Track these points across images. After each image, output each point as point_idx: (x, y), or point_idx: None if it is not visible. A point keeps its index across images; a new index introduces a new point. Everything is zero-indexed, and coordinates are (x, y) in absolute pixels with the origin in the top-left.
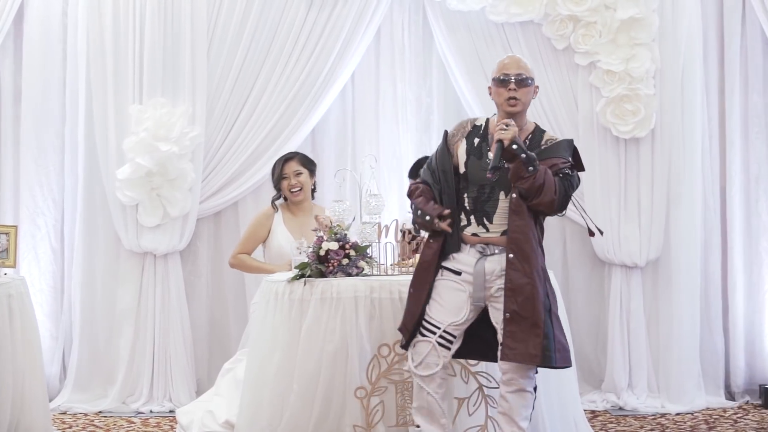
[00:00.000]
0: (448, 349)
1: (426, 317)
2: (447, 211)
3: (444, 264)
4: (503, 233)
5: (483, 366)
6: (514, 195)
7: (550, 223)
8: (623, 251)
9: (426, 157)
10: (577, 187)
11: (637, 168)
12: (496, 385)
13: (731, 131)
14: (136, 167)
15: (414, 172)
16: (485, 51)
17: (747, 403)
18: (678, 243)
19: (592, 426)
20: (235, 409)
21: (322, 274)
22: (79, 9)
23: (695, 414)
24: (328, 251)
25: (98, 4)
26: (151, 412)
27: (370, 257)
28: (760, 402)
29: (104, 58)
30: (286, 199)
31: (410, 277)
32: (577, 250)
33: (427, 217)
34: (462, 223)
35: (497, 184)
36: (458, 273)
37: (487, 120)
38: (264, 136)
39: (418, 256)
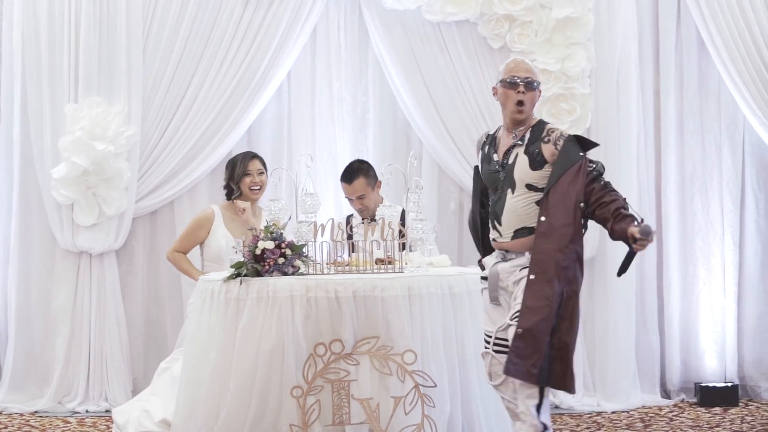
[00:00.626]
0: (503, 352)
1: (483, 328)
2: None
3: (482, 275)
4: (516, 233)
5: (419, 365)
6: (543, 218)
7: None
8: None
9: None
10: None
11: None
12: (433, 384)
13: (666, 131)
14: (71, 166)
15: None
16: (421, 50)
17: (682, 401)
18: (613, 242)
19: None
20: (172, 408)
21: (258, 273)
22: (14, 7)
23: (631, 412)
24: (264, 250)
25: (33, 2)
26: (87, 411)
27: (306, 256)
28: (695, 400)
29: (39, 56)
30: (230, 198)
31: (346, 276)
32: None
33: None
34: (490, 230)
35: (504, 183)
36: (485, 278)
37: (498, 128)
38: (200, 136)
39: (354, 255)
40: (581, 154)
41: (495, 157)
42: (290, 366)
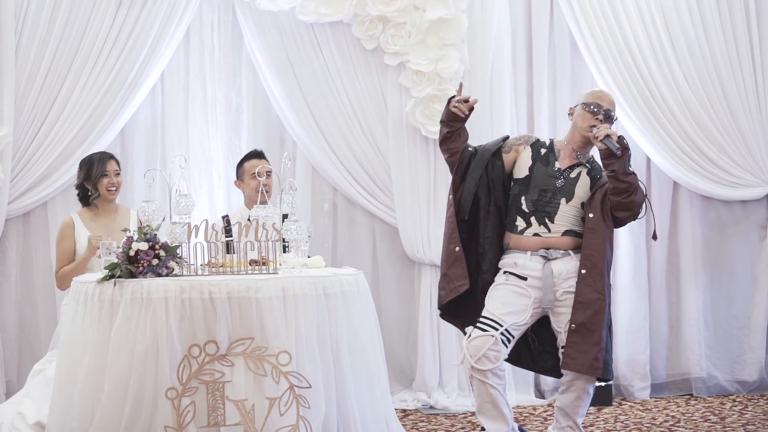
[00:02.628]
0: (506, 347)
1: (486, 313)
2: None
3: (508, 270)
4: (564, 233)
5: (294, 366)
6: (591, 215)
7: (360, 221)
8: (433, 251)
9: None
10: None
11: (447, 168)
12: (308, 385)
13: (539, 131)
14: None
15: None
16: (295, 51)
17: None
18: None
19: (403, 425)
20: (46, 410)
21: (132, 275)
22: None
23: None
24: (137, 252)
25: None
26: None
27: (180, 257)
28: None
29: None
30: (86, 202)
31: (220, 277)
32: (387, 249)
33: (446, 113)
34: (521, 227)
35: (560, 190)
36: (524, 278)
37: (551, 140)
38: (73, 136)
39: (229, 257)
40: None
41: (557, 164)
42: (165, 367)
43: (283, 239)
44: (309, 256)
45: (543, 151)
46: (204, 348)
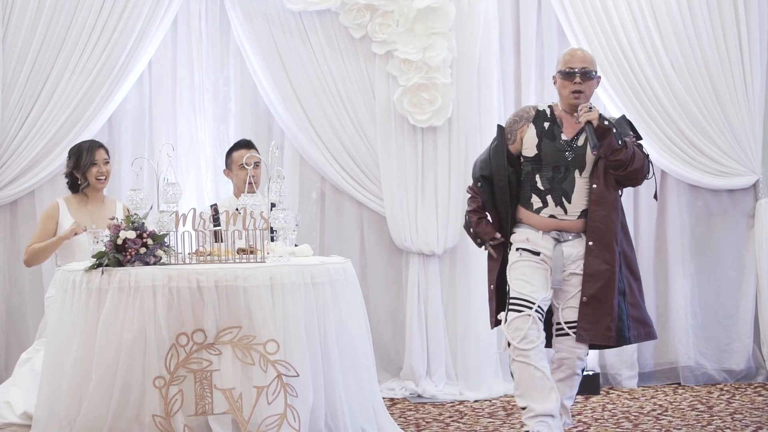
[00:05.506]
0: (541, 322)
1: (515, 294)
2: (498, 236)
3: (521, 246)
4: (580, 216)
5: (282, 354)
6: (594, 185)
7: (347, 210)
8: (421, 239)
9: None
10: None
11: (434, 157)
12: (295, 374)
13: None
14: None
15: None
16: (282, 39)
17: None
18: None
19: (391, 413)
20: (33, 399)
21: (119, 263)
22: None
23: (493, 401)
24: (125, 240)
25: None
26: None
27: (168, 246)
28: None
29: None
30: (75, 190)
31: (208, 266)
32: (375, 238)
33: (478, 240)
34: (536, 206)
35: (572, 164)
36: (537, 253)
37: (551, 107)
38: (61, 125)
39: (217, 245)
40: (631, 133)
41: (563, 136)
42: (152, 356)
43: (271, 228)
44: (296, 245)
45: (547, 125)
46: (192, 337)
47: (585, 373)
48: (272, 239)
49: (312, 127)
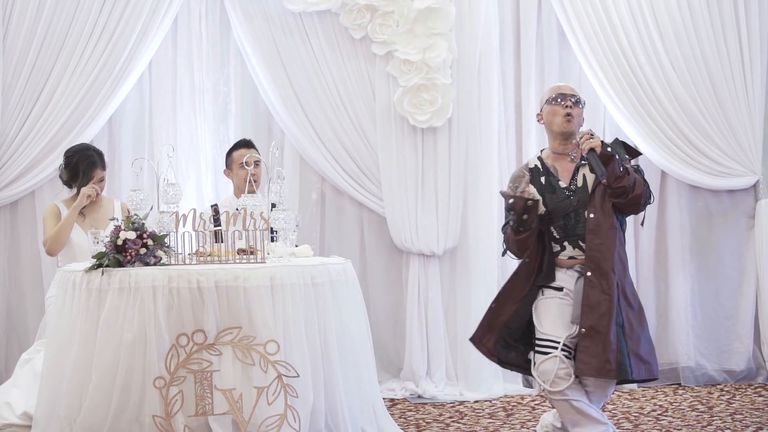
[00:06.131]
0: (570, 359)
1: (540, 335)
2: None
3: (542, 283)
4: None
5: (282, 355)
6: (591, 215)
7: (348, 211)
8: (421, 240)
9: None
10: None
11: (435, 157)
12: (296, 374)
13: (527, 121)
14: None
15: None
16: (282, 40)
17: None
18: (475, 232)
19: (391, 414)
20: (34, 400)
21: (119, 264)
22: None
23: (494, 401)
24: (125, 240)
25: None
26: None
27: (168, 246)
28: None
29: None
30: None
31: (208, 267)
32: (375, 238)
33: (511, 200)
34: (556, 250)
35: (579, 207)
36: (560, 289)
37: (539, 158)
38: (61, 125)
39: (217, 246)
40: (626, 156)
41: (561, 184)
42: (153, 357)
43: (271, 228)
44: (297, 245)
45: (543, 179)
46: (192, 337)
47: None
48: (272, 240)
49: (312, 127)
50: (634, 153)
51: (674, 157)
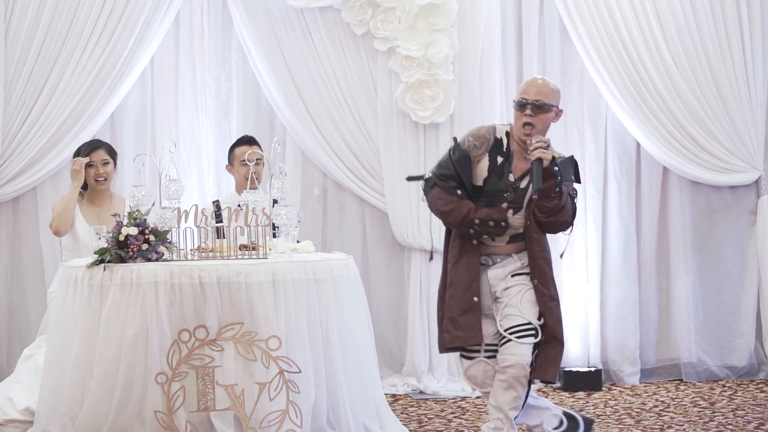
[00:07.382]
0: (494, 357)
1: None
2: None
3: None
4: (509, 242)
5: (284, 350)
6: (529, 222)
7: (350, 206)
8: (422, 236)
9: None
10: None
11: (436, 153)
12: (297, 370)
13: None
14: None
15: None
16: (284, 36)
17: (547, 385)
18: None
19: (393, 410)
20: (36, 395)
21: (121, 260)
22: None
23: None
24: (127, 236)
25: None
26: None
27: (170, 242)
28: (559, 384)
29: None
30: (85, 188)
31: (210, 262)
32: (377, 234)
33: (503, 223)
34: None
35: (509, 204)
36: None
37: (508, 134)
38: (63, 122)
39: (219, 242)
40: (573, 179)
41: (511, 177)
42: (155, 352)
43: (273, 224)
44: (298, 241)
45: (500, 160)
46: (194, 333)
47: (579, 370)
48: (274, 235)
49: (314, 123)
50: (578, 179)
51: (676, 153)
